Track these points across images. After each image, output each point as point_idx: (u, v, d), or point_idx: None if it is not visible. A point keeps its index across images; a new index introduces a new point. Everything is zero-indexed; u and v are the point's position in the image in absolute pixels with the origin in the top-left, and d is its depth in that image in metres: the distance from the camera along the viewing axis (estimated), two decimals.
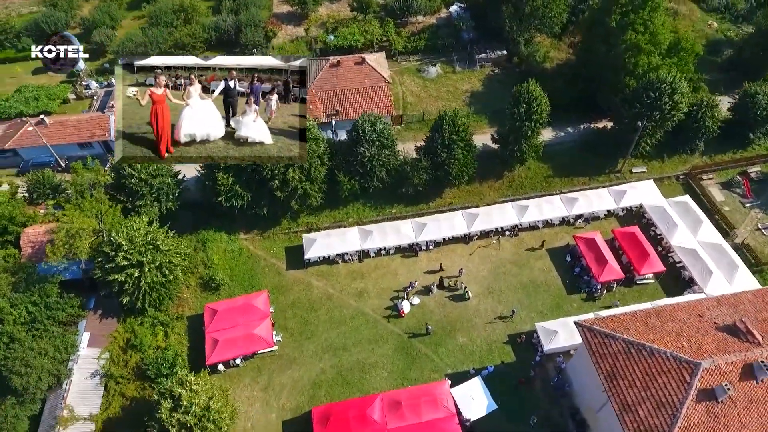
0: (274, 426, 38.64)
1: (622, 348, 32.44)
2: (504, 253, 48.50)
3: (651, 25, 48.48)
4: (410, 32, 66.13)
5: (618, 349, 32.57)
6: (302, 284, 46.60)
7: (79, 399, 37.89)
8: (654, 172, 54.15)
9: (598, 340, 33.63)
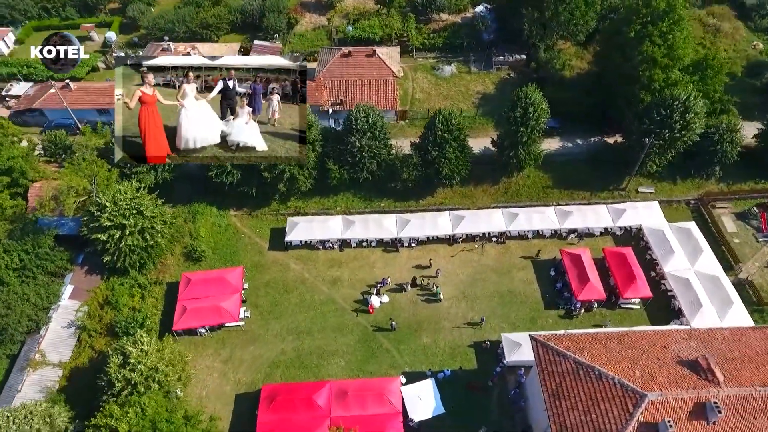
0: (227, 397, 39.57)
1: (571, 368, 31.05)
2: (487, 259, 47.37)
3: (671, 38, 45.73)
4: (431, 29, 65.49)
5: (567, 368, 31.21)
6: (280, 265, 47.38)
7: (53, 346, 40.21)
8: (662, 194, 51.21)
9: (549, 356, 32.32)
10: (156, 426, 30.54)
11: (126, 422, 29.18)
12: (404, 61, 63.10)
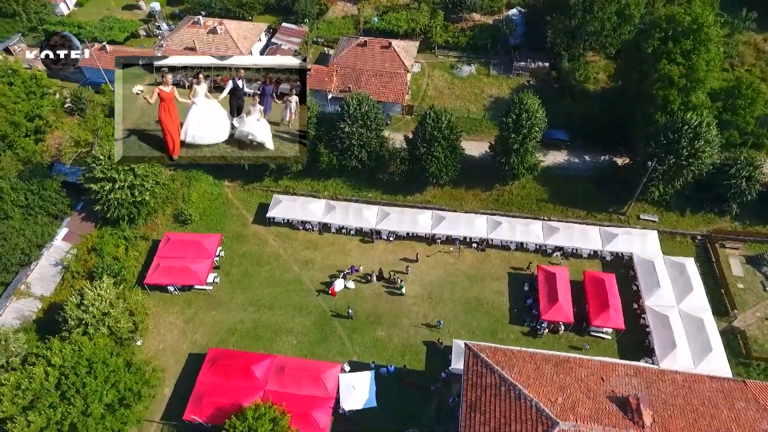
0: (181, 354, 41.34)
1: (495, 383, 29.93)
2: (462, 264, 46.24)
3: (694, 58, 42.31)
4: (459, 28, 64.37)
5: (491, 382, 30.11)
6: (259, 239, 48.68)
7: (39, 280, 43.72)
8: (666, 224, 47.67)
9: (477, 368, 31.29)
10: (92, 366, 32.56)
11: (60, 357, 31.30)
12: (424, 58, 62.56)
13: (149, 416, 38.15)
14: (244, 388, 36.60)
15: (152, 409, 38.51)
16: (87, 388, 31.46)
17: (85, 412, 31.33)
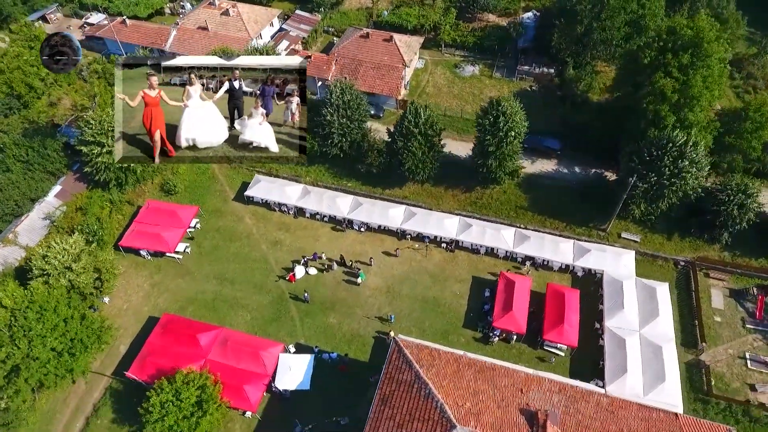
0: (141, 315, 43.14)
1: (410, 379, 29.69)
2: (428, 262, 45.76)
3: (691, 73, 39.96)
4: (471, 28, 63.38)
5: (407, 378, 29.88)
6: (235, 216, 49.96)
7: (26, 231, 46.68)
8: (649, 246, 45.31)
9: (398, 363, 31.10)
10: (42, 312, 34.60)
11: (11, 299, 33.47)
12: (430, 54, 62.06)
13: (102, 370, 40.19)
14: (187, 354, 37.80)
15: (106, 364, 40.55)
16: (32, 332, 33.48)
17: (29, 355, 33.35)
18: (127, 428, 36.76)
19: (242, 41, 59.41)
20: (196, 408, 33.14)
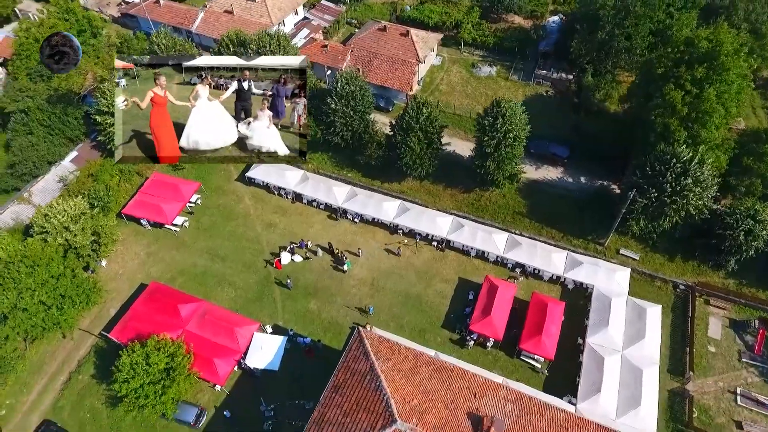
0: (134, 281, 44.77)
1: (364, 370, 29.63)
2: (416, 259, 45.41)
3: (705, 88, 37.88)
4: (493, 28, 62.22)
5: (361, 369, 29.86)
6: (236, 196, 51.07)
7: (40, 191, 49.37)
8: (648, 265, 43.32)
9: (357, 353, 31.10)
10: (34, 267, 36.51)
11: (5, 252, 35.47)
12: (448, 52, 61.35)
13: (90, 329, 42.04)
14: (167, 323, 38.95)
15: (95, 323, 42.38)
16: (22, 285, 35.40)
17: (17, 305, 35.29)
18: (104, 386, 38.28)
19: (264, 27, 60.46)
20: (164, 375, 34.20)
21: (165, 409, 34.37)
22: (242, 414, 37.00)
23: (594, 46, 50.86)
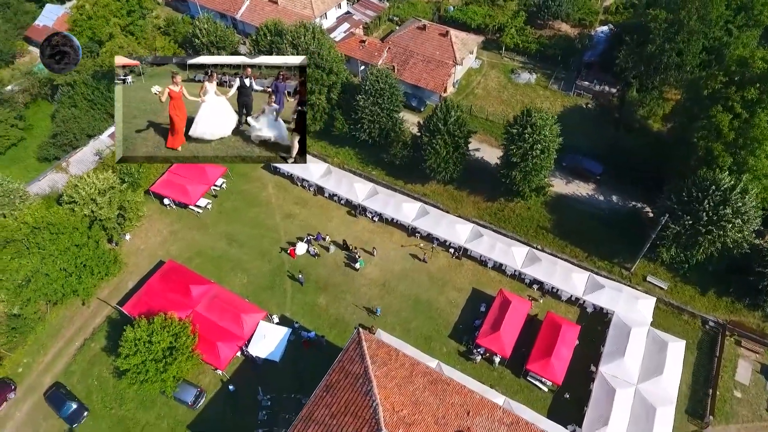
0: (154, 258, 45.83)
1: (358, 372, 29.08)
2: (431, 265, 44.41)
3: (758, 112, 35.10)
4: (538, 35, 60.15)
5: (355, 371, 29.34)
6: (260, 183, 51.51)
7: (77, 162, 51.41)
8: (677, 296, 40.71)
9: (353, 354, 30.57)
10: (58, 234, 37.92)
11: (31, 216, 37.01)
12: (488, 56, 59.79)
13: (108, 299, 43.39)
14: (178, 302, 39.68)
15: (112, 294, 43.69)
16: (45, 251, 36.82)
17: (39, 270, 36.75)
18: (113, 357, 39.30)
19: (305, 19, 60.70)
20: (167, 353, 34.79)
21: (165, 386, 35.02)
22: (240, 401, 37.24)
23: (641, 60, 48.25)
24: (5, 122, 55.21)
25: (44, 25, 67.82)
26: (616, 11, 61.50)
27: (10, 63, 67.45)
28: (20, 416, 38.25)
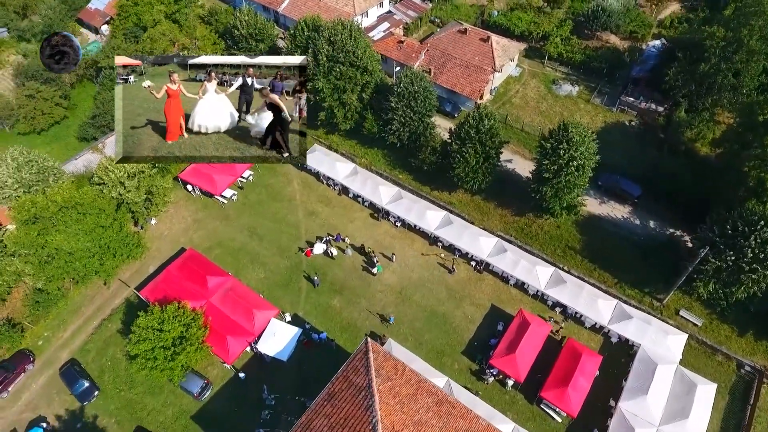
0: (177, 244, 46.31)
1: (361, 385, 28.18)
2: (451, 277, 43.08)
3: None
4: (584, 45, 57.60)
5: (359, 383, 28.43)
6: (286, 178, 51.33)
7: (112, 144, 52.42)
8: (711, 335, 38.02)
9: (359, 364, 29.68)
10: (84, 215, 38.67)
11: (60, 195, 37.87)
12: (529, 65, 57.69)
13: (128, 281, 44.09)
14: (193, 291, 39.87)
15: (134, 277, 44.37)
16: (71, 230, 37.61)
17: (62, 248, 37.58)
18: (127, 340, 39.81)
19: (346, 16, 60.20)
20: (177, 342, 34.91)
21: (173, 375, 35.16)
22: (245, 396, 37.07)
23: (693, 79, 45.31)
24: (50, 100, 57.17)
25: (96, 8, 69.95)
26: (671, 25, 58.20)
27: None
28: (36, 388, 39.29)
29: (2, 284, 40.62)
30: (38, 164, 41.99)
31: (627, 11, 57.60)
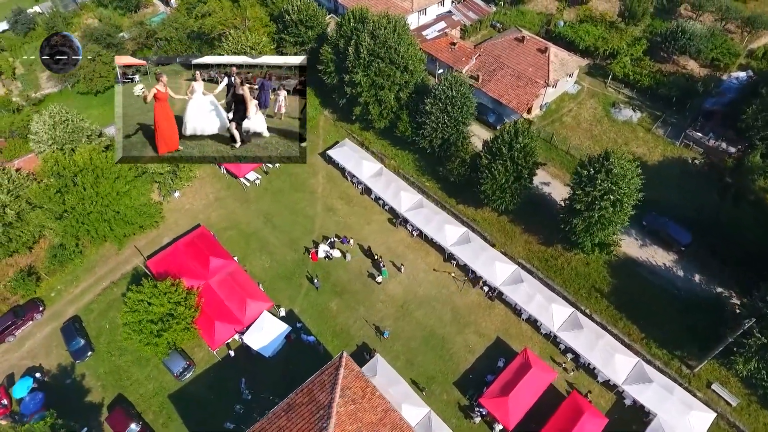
0: (194, 220, 46.52)
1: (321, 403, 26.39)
2: (459, 298, 40.15)
3: None
4: (657, 69, 51.89)
5: (320, 400, 26.65)
6: (312, 170, 50.16)
7: None
8: (746, 419, 32.62)
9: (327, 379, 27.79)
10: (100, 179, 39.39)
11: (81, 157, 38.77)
12: (590, 83, 52.84)
13: (142, 249, 44.82)
14: (195, 269, 39.65)
15: (147, 246, 45.09)
16: (86, 192, 38.42)
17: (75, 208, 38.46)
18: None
19: (404, 11, 58.03)
20: (166, 318, 34.67)
21: (157, 350, 35.01)
22: (223, 385, 36.37)
23: None
24: (109, 64, 59.46)
25: None
26: (763, 56, 51.12)
27: (134, 11, 73.23)
28: (39, 337, 40.75)
29: (28, 233, 42.48)
30: (74, 124, 43.35)
31: (712, 35, 51.23)
